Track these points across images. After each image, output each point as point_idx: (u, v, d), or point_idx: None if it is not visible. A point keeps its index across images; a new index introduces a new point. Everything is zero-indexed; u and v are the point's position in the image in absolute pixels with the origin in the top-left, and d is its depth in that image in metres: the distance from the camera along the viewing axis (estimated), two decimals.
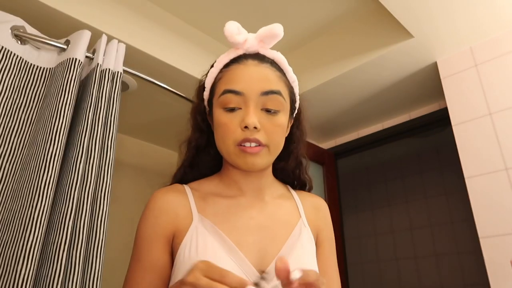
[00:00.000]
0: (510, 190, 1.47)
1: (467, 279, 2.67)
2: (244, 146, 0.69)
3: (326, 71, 1.97)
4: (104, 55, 1.22)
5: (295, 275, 0.50)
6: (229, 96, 0.70)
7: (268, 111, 0.70)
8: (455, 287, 2.71)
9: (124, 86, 1.88)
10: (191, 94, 1.05)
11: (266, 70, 0.73)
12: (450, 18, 1.59)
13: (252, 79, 0.71)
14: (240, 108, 0.70)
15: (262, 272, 0.54)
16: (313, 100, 2.13)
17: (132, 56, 1.63)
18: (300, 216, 0.78)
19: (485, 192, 1.53)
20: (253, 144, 0.69)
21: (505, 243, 1.42)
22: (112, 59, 1.23)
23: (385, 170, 3.35)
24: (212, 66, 0.79)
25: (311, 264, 0.71)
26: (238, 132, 0.69)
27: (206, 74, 0.80)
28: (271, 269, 0.65)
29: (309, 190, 0.88)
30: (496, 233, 1.46)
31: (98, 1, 1.59)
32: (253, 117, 0.68)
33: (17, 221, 0.94)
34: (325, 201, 0.88)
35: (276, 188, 0.82)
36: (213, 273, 0.49)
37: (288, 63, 0.79)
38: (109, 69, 1.20)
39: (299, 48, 2.13)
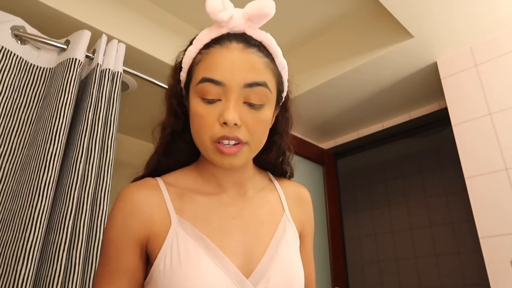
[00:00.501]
0: (510, 190, 1.47)
1: (467, 279, 2.67)
2: (221, 144, 0.61)
3: (326, 71, 1.97)
4: (104, 55, 1.22)
5: None
6: (207, 85, 0.61)
7: (251, 105, 0.62)
8: (455, 287, 2.71)
9: (124, 86, 1.88)
10: None
11: (251, 57, 0.63)
12: (450, 18, 1.59)
13: (235, 67, 0.62)
14: (220, 100, 0.62)
15: None
16: (313, 100, 2.13)
17: (132, 56, 1.63)
18: (284, 210, 0.74)
19: (485, 192, 1.53)
20: (231, 142, 0.62)
21: (505, 243, 1.43)
22: (112, 59, 1.23)
23: (385, 170, 3.35)
24: (191, 43, 0.69)
25: (296, 261, 0.69)
26: (216, 127, 0.61)
27: (184, 51, 0.70)
28: (256, 274, 0.63)
29: (290, 178, 0.83)
30: (496, 233, 1.46)
31: (98, 1, 1.59)
32: (233, 113, 0.60)
33: (17, 221, 0.94)
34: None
35: (258, 180, 0.76)
36: None
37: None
38: (109, 69, 1.20)
39: (299, 48, 2.13)
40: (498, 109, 1.58)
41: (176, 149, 0.74)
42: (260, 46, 0.66)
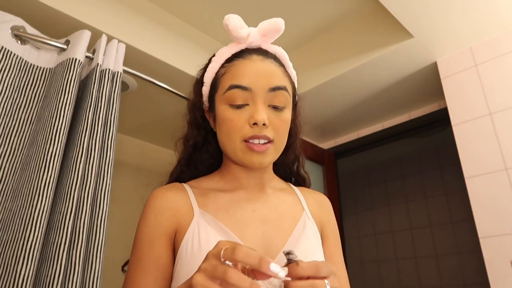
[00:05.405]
0: (510, 190, 1.47)
1: (467, 279, 2.67)
2: (251, 143, 0.67)
3: (326, 71, 1.97)
4: (104, 55, 1.22)
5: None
6: (235, 91, 0.68)
7: (275, 107, 0.69)
8: (455, 287, 2.71)
9: (124, 86, 1.88)
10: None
11: (271, 65, 0.71)
12: (450, 18, 1.59)
13: (259, 74, 0.69)
14: (247, 104, 0.68)
15: (287, 253, 0.51)
16: (313, 100, 2.13)
17: (132, 56, 1.63)
18: (304, 209, 0.77)
19: (485, 192, 1.53)
20: (261, 141, 0.67)
21: (505, 243, 1.42)
22: (112, 59, 1.23)
23: (385, 170, 3.35)
24: (210, 61, 0.77)
25: (318, 257, 0.69)
26: (246, 128, 0.67)
27: (204, 69, 0.78)
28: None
29: (308, 187, 0.87)
30: (496, 233, 1.46)
31: (98, 1, 1.59)
32: (263, 114, 0.67)
33: (17, 221, 0.94)
34: None
35: (277, 182, 0.81)
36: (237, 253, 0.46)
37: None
38: (109, 69, 1.20)
39: (299, 48, 2.13)
40: (498, 109, 1.58)
41: (198, 159, 0.80)
42: (275, 58, 0.74)
